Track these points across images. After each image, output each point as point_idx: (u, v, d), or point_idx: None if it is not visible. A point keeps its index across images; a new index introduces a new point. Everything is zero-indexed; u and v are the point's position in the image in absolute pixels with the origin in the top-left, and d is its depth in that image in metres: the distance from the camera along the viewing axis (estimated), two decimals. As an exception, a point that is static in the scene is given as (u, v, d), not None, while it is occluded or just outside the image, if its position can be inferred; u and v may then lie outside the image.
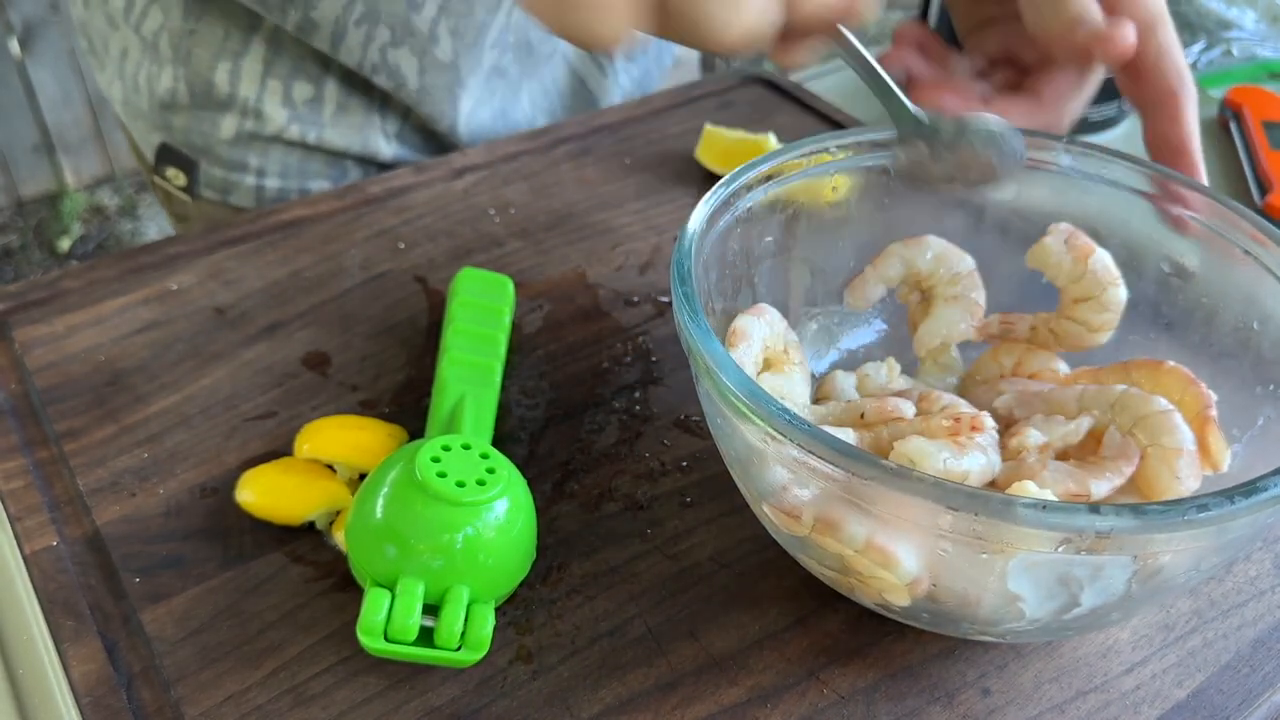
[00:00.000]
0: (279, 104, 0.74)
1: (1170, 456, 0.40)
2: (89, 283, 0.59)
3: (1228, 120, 0.79)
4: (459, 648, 0.40)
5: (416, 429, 0.50)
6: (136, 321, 0.57)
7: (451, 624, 0.40)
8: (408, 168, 0.69)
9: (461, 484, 0.42)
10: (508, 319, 0.55)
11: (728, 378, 0.36)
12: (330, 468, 0.47)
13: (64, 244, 2.20)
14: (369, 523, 0.42)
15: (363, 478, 0.47)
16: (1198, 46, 0.89)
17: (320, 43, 0.71)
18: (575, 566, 0.45)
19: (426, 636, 0.40)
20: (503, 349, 0.53)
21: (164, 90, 0.75)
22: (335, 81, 0.75)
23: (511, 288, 0.57)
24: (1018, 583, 0.36)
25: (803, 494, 0.38)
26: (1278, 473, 0.33)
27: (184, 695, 0.40)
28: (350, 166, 0.78)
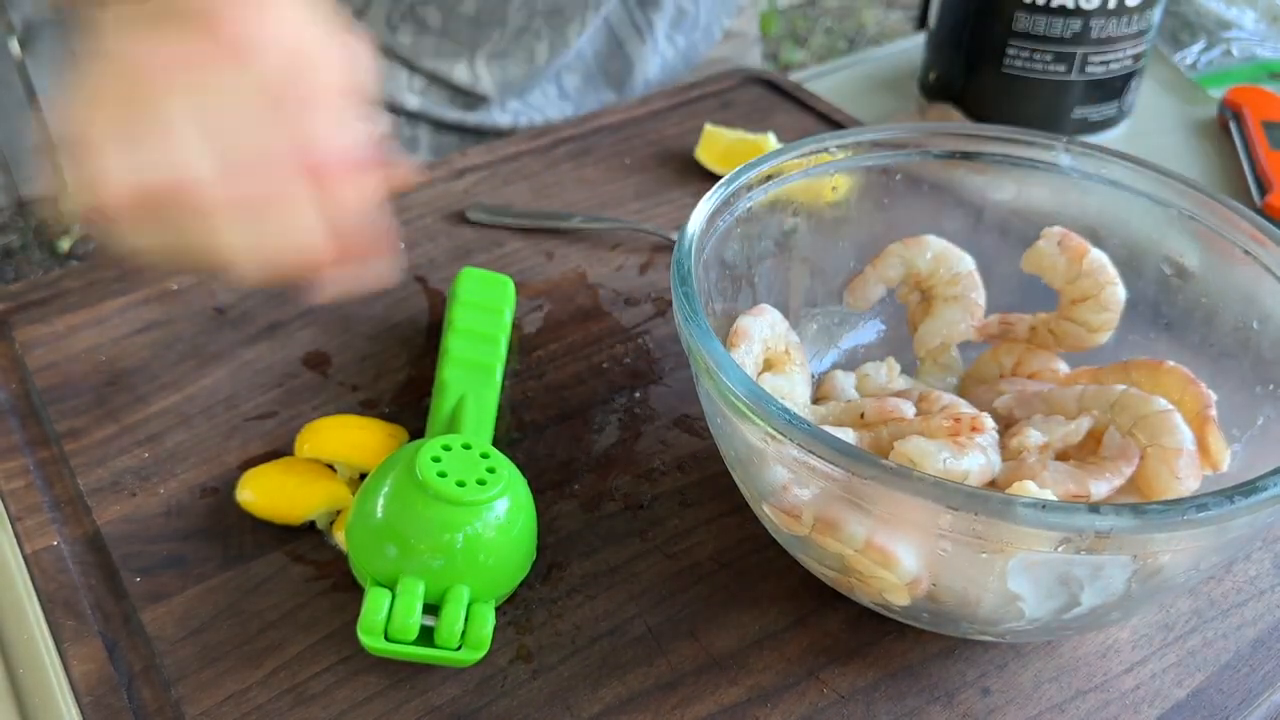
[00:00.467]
0: None
1: (1170, 456, 0.40)
2: (89, 283, 0.59)
3: (1228, 120, 0.79)
4: (459, 647, 0.40)
5: (417, 429, 0.50)
6: (137, 321, 0.57)
7: (452, 623, 0.40)
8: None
9: (462, 484, 0.42)
10: (508, 319, 0.55)
11: (728, 378, 0.36)
12: (330, 467, 0.47)
13: (64, 244, 2.20)
14: (369, 522, 0.42)
15: (363, 477, 0.47)
16: (1198, 46, 0.89)
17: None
18: (575, 566, 0.45)
19: (427, 636, 0.40)
20: (503, 349, 0.53)
21: None
22: (365, 29, 0.76)
23: (511, 288, 0.57)
24: (1017, 582, 0.36)
25: (803, 494, 0.38)
26: (1277, 472, 0.33)
27: (184, 695, 0.40)
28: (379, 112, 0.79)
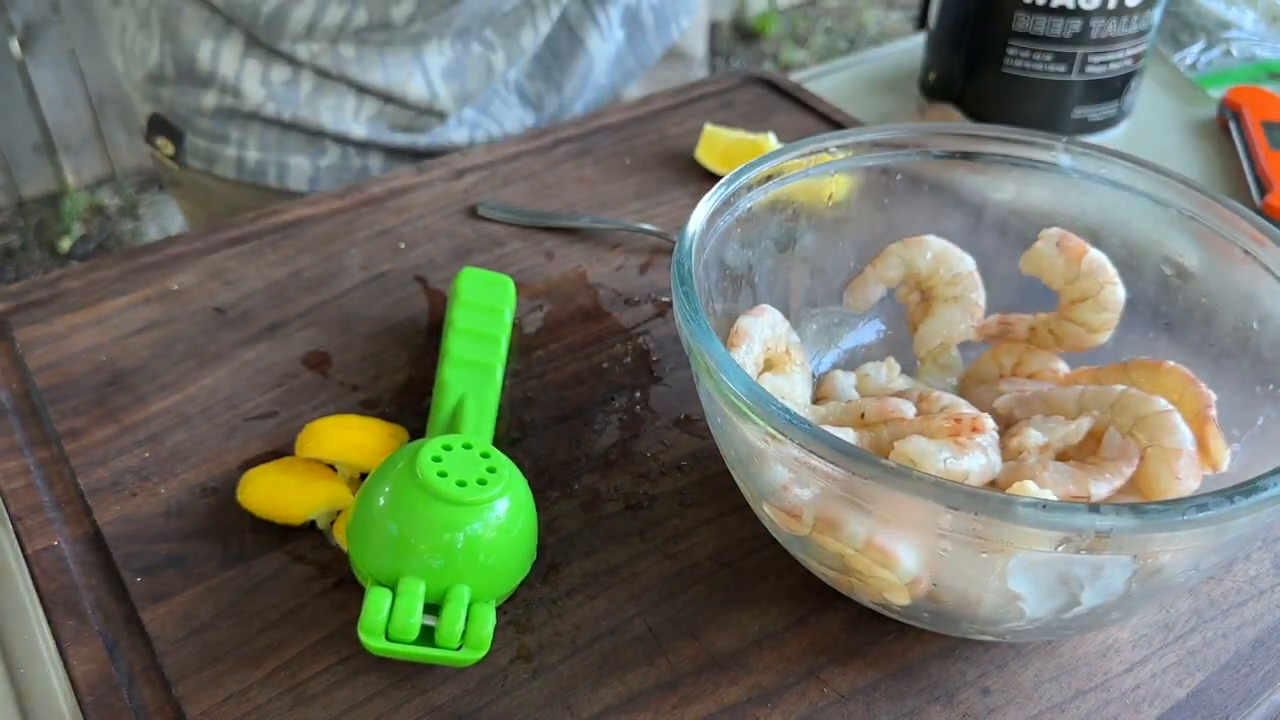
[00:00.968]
0: (257, 83, 0.76)
1: (1170, 456, 0.40)
2: (90, 283, 0.59)
3: (1227, 120, 0.79)
4: (460, 647, 0.40)
5: (417, 429, 0.50)
6: (137, 321, 0.57)
7: (452, 623, 0.40)
8: (408, 168, 0.70)
9: (462, 483, 0.42)
10: (508, 319, 0.55)
11: (728, 378, 0.36)
12: (331, 467, 0.47)
13: (65, 244, 2.20)
14: (370, 522, 0.42)
15: (363, 477, 0.47)
16: (1197, 46, 0.89)
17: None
18: (575, 566, 0.45)
19: (427, 636, 0.40)
20: (503, 349, 0.53)
21: (153, 63, 0.78)
22: (310, 67, 0.76)
23: (512, 288, 0.57)
24: (1018, 582, 0.36)
25: (803, 494, 0.38)
26: (1277, 472, 0.33)
27: (185, 694, 0.40)
28: (329, 144, 0.79)
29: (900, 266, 0.49)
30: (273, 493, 0.46)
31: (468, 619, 0.41)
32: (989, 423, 0.41)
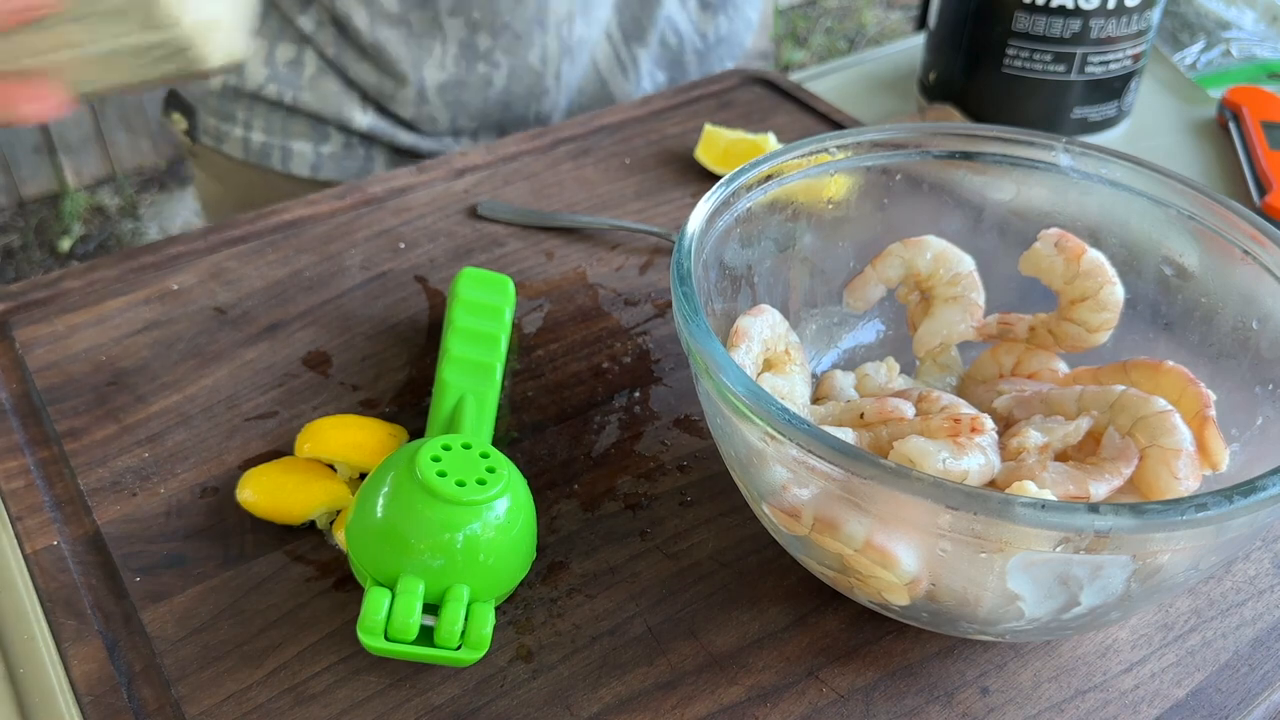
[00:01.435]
0: (260, 63, 0.77)
1: (1169, 456, 0.40)
2: (90, 283, 0.59)
3: (1227, 120, 0.79)
4: (459, 647, 0.40)
5: (417, 429, 0.50)
6: (137, 321, 0.57)
7: (452, 623, 0.40)
8: (408, 168, 0.70)
9: (462, 483, 0.42)
10: (508, 319, 0.55)
11: (728, 378, 0.36)
12: (331, 467, 0.47)
13: (65, 244, 2.20)
14: (369, 522, 0.42)
15: (363, 477, 0.47)
16: (1197, 46, 0.89)
17: None
18: (575, 566, 0.45)
19: (427, 635, 0.40)
20: (503, 349, 0.53)
21: None
22: (314, 49, 0.77)
23: (511, 288, 0.57)
24: (1017, 582, 0.36)
25: (802, 494, 0.38)
26: (1276, 472, 0.33)
27: (185, 694, 0.40)
28: (332, 132, 0.80)
29: (900, 267, 0.49)
30: (272, 493, 0.46)
31: (467, 619, 0.41)
32: (988, 423, 0.41)
